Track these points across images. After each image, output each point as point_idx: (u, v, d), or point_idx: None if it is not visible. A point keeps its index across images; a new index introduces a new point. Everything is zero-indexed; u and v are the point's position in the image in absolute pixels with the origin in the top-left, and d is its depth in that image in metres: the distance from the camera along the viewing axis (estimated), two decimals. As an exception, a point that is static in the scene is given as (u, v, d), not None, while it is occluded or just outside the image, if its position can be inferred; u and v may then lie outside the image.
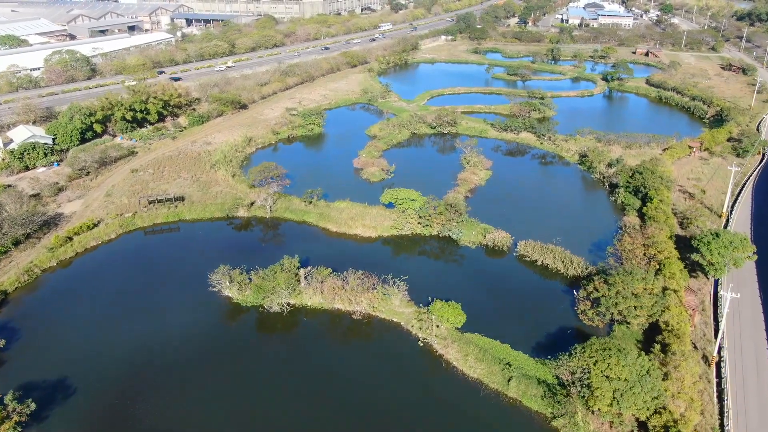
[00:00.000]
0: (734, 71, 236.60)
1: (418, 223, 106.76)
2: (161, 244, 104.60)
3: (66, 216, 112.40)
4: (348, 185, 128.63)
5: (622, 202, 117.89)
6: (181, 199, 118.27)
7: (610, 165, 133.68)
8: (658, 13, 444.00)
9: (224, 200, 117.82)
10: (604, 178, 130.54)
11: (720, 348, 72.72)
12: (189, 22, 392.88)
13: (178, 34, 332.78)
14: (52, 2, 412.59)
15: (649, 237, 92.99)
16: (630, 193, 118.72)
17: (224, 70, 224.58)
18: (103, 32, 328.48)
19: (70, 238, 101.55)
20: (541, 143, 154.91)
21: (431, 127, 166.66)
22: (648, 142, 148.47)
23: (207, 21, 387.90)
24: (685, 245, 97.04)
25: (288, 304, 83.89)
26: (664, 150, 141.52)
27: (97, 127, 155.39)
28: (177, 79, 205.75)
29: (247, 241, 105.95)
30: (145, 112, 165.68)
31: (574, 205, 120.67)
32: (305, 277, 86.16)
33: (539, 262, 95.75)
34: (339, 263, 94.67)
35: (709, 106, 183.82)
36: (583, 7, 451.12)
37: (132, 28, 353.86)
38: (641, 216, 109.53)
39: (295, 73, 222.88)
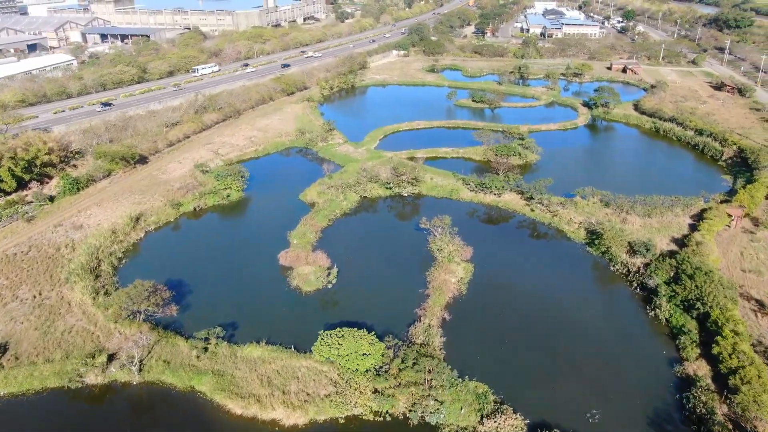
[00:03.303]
0: (729, 92, 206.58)
1: (374, 391, 67.03)
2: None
3: None
4: (269, 301, 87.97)
5: (667, 322, 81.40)
6: (3, 349, 75.32)
7: (633, 250, 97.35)
8: (620, 19, 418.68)
9: (71, 349, 75.44)
10: (629, 273, 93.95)
11: None
12: (104, 37, 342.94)
13: (86, 53, 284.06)
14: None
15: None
16: (678, 306, 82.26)
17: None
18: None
19: None
20: (532, 209, 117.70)
21: (386, 187, 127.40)
22: (671, 207, 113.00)
23: (125, 36, 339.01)
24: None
25: None
26: (700, 222, 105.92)
27: None
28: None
29: (92, 443, 63.95)
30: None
31: (598, 325, 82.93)
32: None
33: (578, 480, 57.51)
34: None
35: (722, 144, 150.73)
36: (543, 14, 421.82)
37: (33, 47, 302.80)
38: (707, 355, 72.88)
39: (216, 107, 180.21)
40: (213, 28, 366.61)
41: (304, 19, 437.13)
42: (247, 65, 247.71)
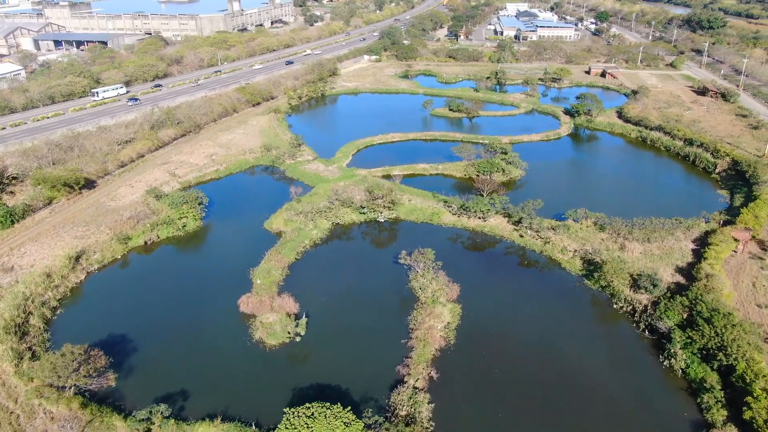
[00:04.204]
0: (712, 97, 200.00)
1: (352, 485, 55.50)
2: None
3: None
4: (227, 360, 75.59)
5: (684, 373, 71.59)
6: None
7: (637, 284, 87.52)
8: (593, 20, 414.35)
9: (-18, 436, 62.28)
10: (635, 312, 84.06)
11: None
12: (58, 44, 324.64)
13: (38, 60, 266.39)
14: None
15: None
16: (695, 355, 72.48)
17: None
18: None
19: None
20: (521, 235, 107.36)
21: (360, 212, 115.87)
22: (672, 230, 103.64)
23: (81, 42, 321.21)
24: None
25: None
26: (705, 249, 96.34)
27: None
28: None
29: None
30: None
31: (607, 380, 72.42)
32: None
33: None
34: None
35: (714, 155, 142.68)
36: (516, 16, 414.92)
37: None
38: (736, 418, 63.02)
39: (175, 122, 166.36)
40: (176, 33, 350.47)
41: (272, 23, 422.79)
42: (160, 86, 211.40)
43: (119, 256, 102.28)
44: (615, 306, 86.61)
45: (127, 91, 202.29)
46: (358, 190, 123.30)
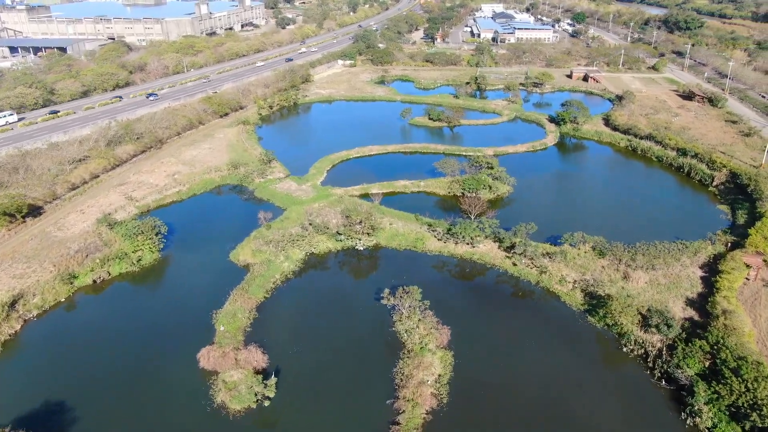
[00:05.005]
0: (699, 102, 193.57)
1: None
2: None
3: None
4: (183, 431, 64.52)
5: (711, 434, 62.62)
6: None
7: (647, 322, 78.46)
8: (570, 21, 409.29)
9: None
10: (647, 356, 74.93)
11: None
12: (14, 50, 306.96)
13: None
14: None
15: None
16: (723, 413, 63.41)
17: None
18: None
19: None
20: (514, 263, 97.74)
21: (337, 239, 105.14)
22: (677, 256, 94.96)
23: (39, 49, 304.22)
24: None
25: None
26: (717, 278, 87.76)
27: None
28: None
29: None
30: None
31: (624, 442, 63.34)
32: None
33: None
34: None
35: (711, 167, 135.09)
36: (493, 18, 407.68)
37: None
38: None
39: (134, 137, 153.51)
40: (140, 37, 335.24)
41: (242, 26, 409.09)
42: (57, 112, 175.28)
43: (63, 299, 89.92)
44: (624, 349, 77.36)
45: (20, 119, 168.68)
46: (334, 213, 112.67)
